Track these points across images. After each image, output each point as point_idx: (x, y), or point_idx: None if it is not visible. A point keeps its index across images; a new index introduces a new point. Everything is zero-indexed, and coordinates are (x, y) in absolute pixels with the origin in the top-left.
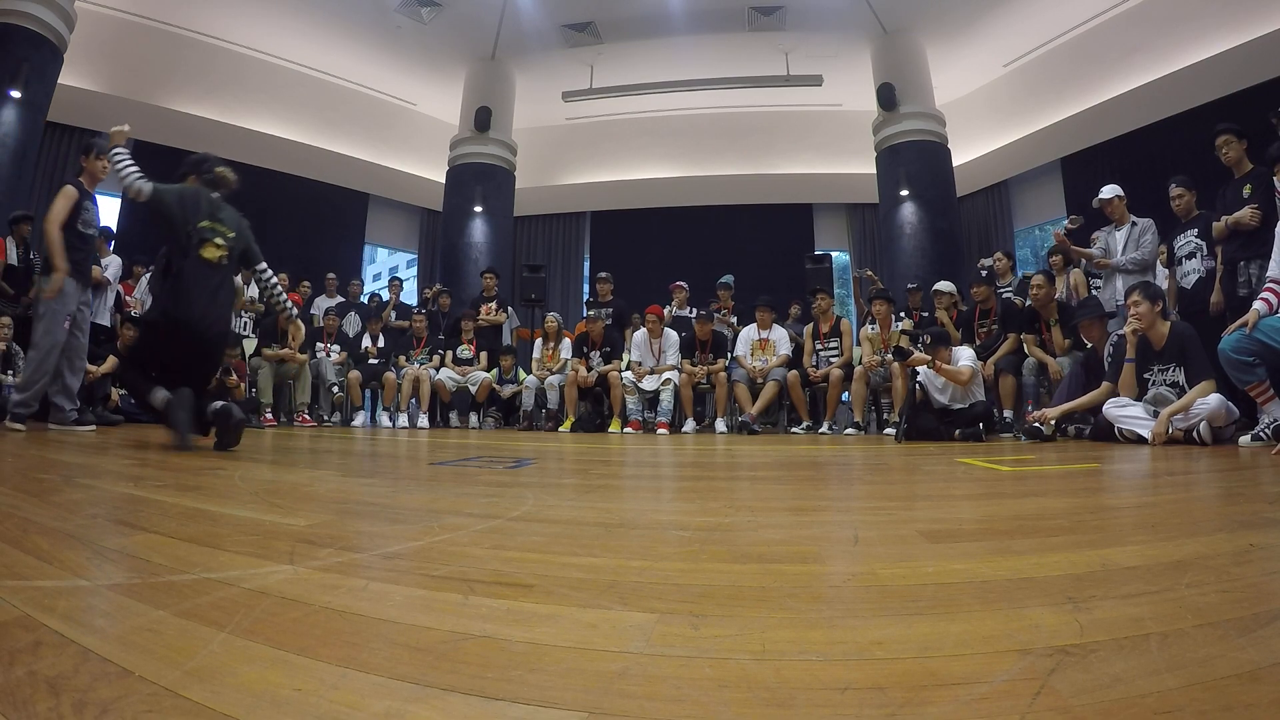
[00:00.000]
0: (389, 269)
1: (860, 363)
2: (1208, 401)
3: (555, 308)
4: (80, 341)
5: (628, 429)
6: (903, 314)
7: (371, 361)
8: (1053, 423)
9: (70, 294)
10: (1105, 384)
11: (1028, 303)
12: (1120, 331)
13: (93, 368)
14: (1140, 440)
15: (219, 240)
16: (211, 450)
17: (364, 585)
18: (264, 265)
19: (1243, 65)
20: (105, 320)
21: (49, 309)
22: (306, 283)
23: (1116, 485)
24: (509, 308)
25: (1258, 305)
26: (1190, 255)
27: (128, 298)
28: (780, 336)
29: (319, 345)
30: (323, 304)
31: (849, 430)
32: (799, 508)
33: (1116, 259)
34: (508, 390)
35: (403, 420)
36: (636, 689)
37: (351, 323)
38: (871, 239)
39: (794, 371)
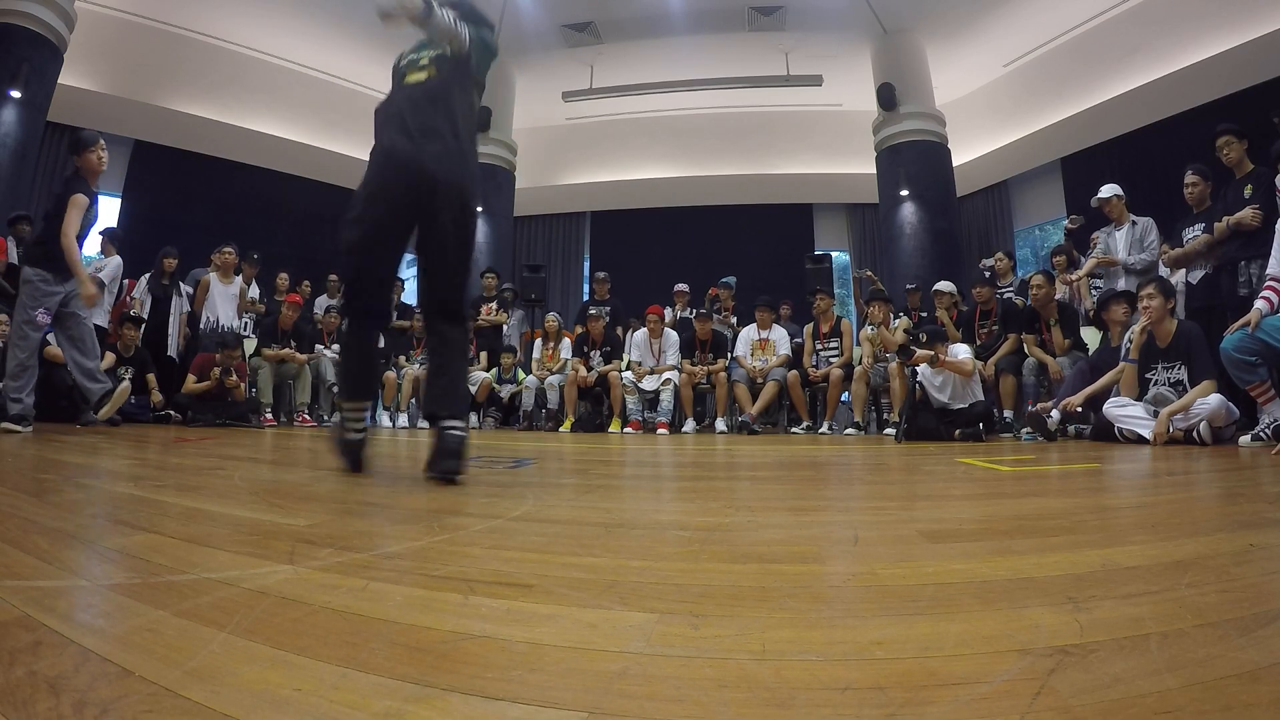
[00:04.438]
0: None
1: (860, 363)
2: (1208, 401)
3: (555, 308)
4: (82, 326)
5: (628, 429)
6: (901, 314)
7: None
8: (1055, 416)
9: (41, 289)
10: (1123, 363)
11: (1028, 303)
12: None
13: None
14: (1140, 440)
15: (422, 60)
16: (214, 451)
17: (364, 585)
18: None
19: (1243, 65)
20: (102, 321)
21: (20, 307)
22: (307, 282)
23: (1116, 485)
24: (511, 308)
25: (1259, 305)
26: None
27: (128, 296)
28: (780, 336)
29: (317, 346)
30: (324, 303)
31: (849, 430)
32: (799, 508)
33: (1122, 258)
34: (507, 391)
35: (403, 420)
36: (636, 689)
37: None
38: (871, 239)
39: (794, 371)
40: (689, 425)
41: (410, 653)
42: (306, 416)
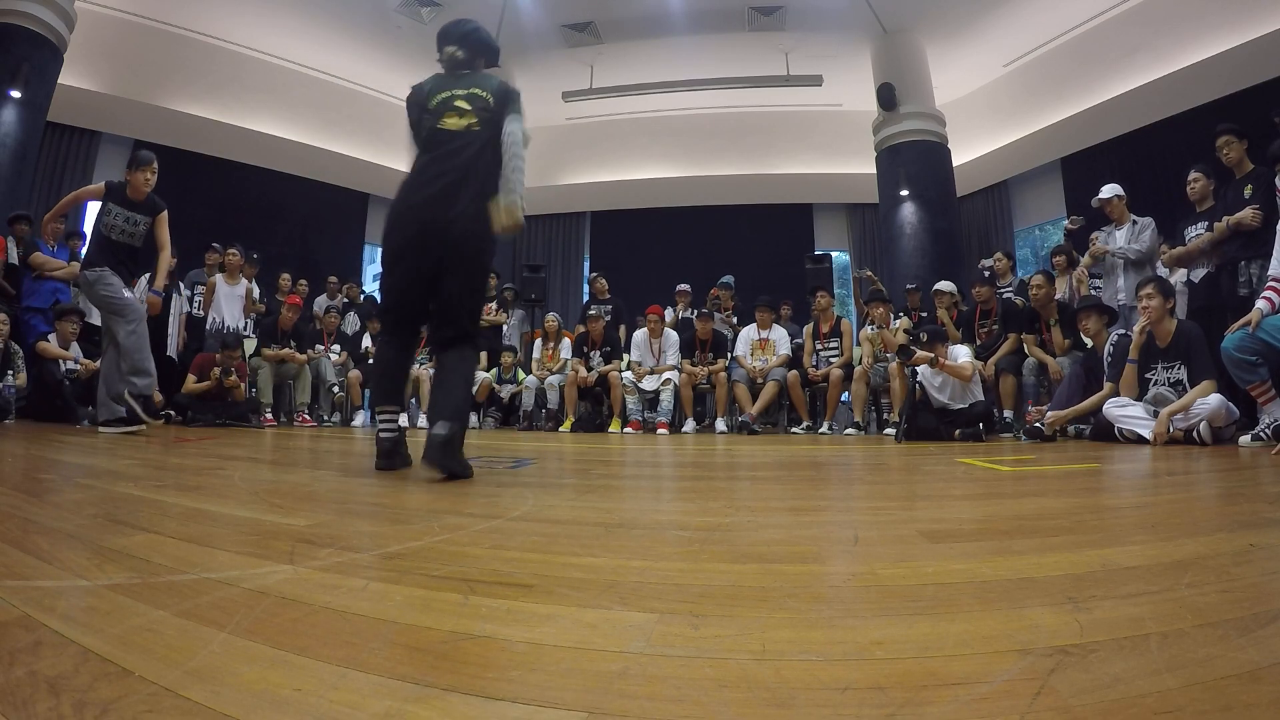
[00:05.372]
0: None
1: (860, 363)
2: (1208, 401)
3: (555, 308)
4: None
5: (628, 429)
6: (901, 314)
7: (371, 362)
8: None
9: (116, 279)
10: (1108, 384)
11: (1028, 303)
12: (1120, 331)
13: (88, 362)
14: (1140, 440)
15: (460, 103)
16: (214, 451)
17: (364, 585)
18: (513, 125)
19: (1243, 65)
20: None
21: (104, 305)
22: (304, 282)
23: (1116, 485)
24: (510, 309)
25: (1260, 305)
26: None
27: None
28: (780, 336)
29: (317, 346)
30: (323, 303)
31: (849, 430)
32: (799, 508)
33: (1118, 247)
34: (507, 391)
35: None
36: (636, 689)
37: (351, 322)
38: (871, 239)
39: (794, 371)
40: (689, 425)
41: (410, 653)
42: (306, 416)
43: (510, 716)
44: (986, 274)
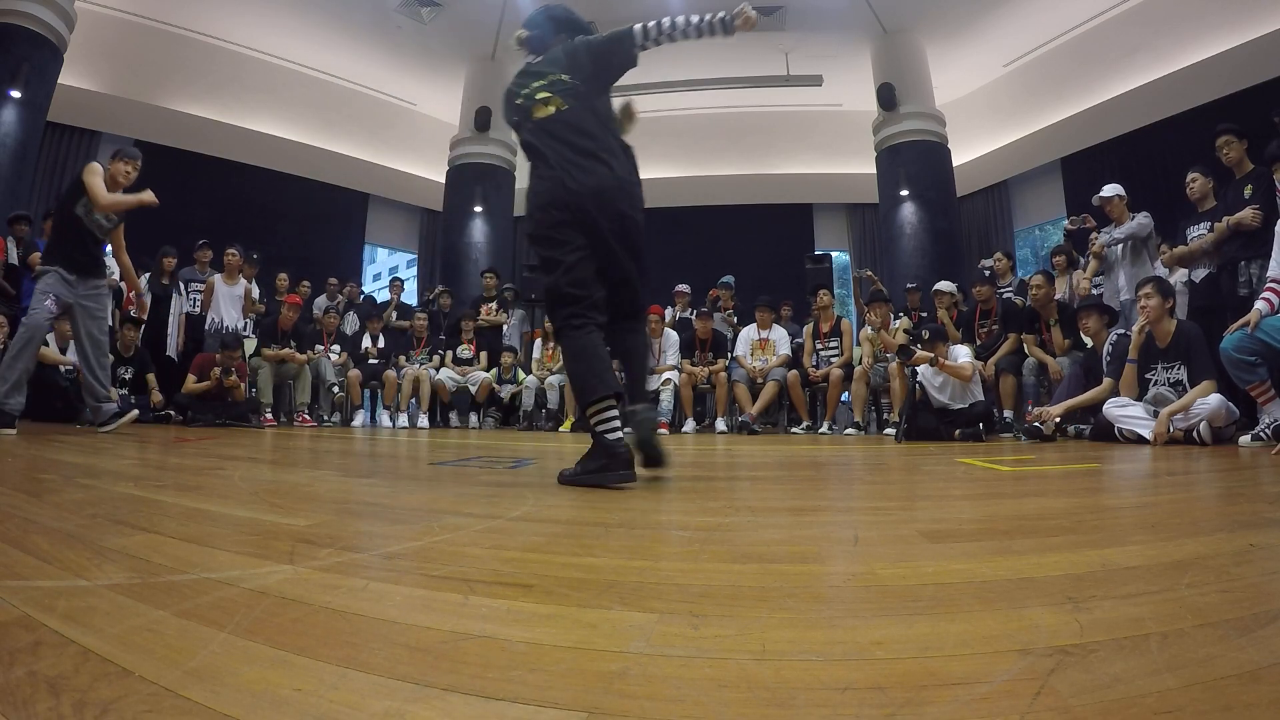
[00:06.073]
0: (389, 269)
1: (860, 363)
2: (1208, 401)
3: None
4: (97, 336)
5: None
6: (901, 314)
7: (371, 362)
8: (1053, 422)
9: (53, 282)
10: (1106, 380)
11: (1028, 303)
12: (1120, 330)
13: None
14: (1140, 440)
15: (540, 95)
16: (214, 451)
17: (364, 585)
18: (637, 39)
19: (1243, 65)
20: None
21: (35, 296)
22: (306, 282)
23: (1116, 485)
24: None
25: (1259, 305)
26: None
27: (129, 294)
28: (780, 336)
29: (317, 346)
30: (323, 303)
31: (849, 430)
32: (799, 508)
33: (1110, 236)
34: (507, 391)
35: (403, 420)
36: (636, 689)
37: (351, 322)
38: (871, 239)
39: (794, 371)
40: (689, 425)
41: (410, 653)
42: (306, 416)
43: (510, 716)
44: (986, 274)
